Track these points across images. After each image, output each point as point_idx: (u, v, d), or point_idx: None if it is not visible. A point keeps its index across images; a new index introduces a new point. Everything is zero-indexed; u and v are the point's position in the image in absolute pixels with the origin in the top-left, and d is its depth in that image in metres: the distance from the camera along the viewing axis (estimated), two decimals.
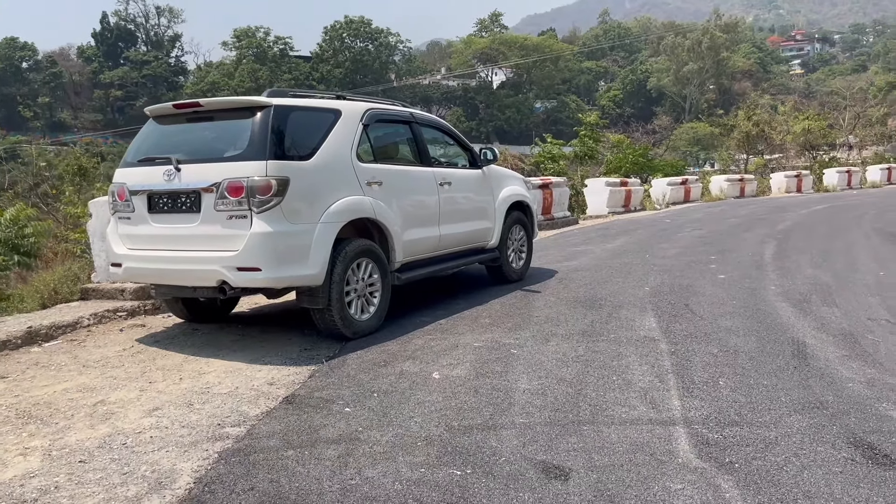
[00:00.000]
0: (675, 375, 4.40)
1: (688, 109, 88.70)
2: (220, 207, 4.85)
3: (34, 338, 5.42)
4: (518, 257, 7.79)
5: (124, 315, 6.20)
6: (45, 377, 4.66)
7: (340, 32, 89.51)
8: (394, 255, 5.81)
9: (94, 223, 6.80)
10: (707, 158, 61.58)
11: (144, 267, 5.27)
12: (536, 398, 4.03)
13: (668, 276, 7.78)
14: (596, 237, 11.98)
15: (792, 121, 33.75)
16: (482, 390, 4.18)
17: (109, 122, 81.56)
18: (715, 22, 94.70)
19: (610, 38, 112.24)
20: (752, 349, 4.92)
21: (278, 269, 4.86)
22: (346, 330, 5.31)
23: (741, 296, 6.67)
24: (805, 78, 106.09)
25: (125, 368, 4.81)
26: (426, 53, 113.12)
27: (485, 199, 7.17)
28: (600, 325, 5.70)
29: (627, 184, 17.89)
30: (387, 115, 6.18)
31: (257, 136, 4.92)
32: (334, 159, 5.34)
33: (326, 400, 4.09)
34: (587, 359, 4.77)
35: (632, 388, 4.18)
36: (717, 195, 22.06)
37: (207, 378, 4.57)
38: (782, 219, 14.02)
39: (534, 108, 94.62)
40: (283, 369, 4.72)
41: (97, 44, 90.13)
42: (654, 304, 6.40)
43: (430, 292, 7.17)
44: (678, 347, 4.99)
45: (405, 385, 4.31)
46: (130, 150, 5.59)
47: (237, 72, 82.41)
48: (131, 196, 5.28)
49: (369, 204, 5.50)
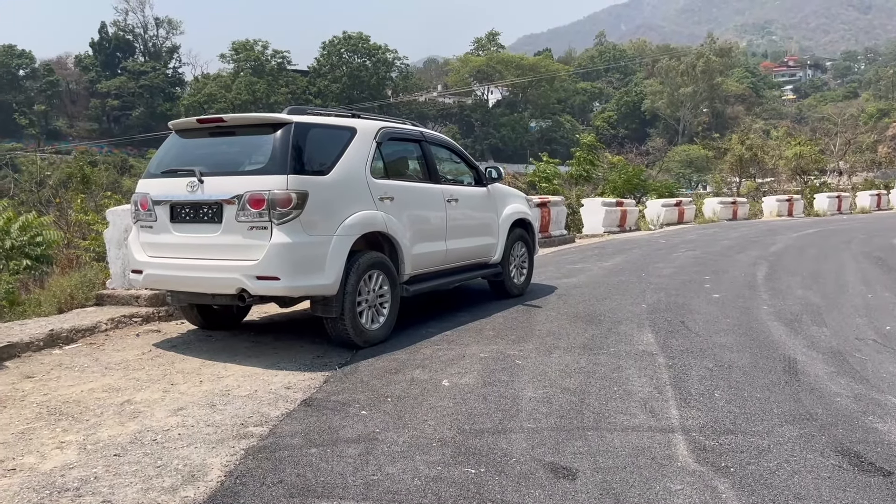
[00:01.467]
0: (672, 387, 4.63)
1: (681, 132, 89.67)
2: (242, 218, 5.08)
3: (55, 340, 5.60)
4: (520, 273, 8.03)
5: (139, 321, 6.39)
6: (70, 377, 4.85)
7: (338, 48, 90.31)
8: (403, 267, 6.04)
9: (111, 231, 7.01)
10: (700, 181, 62.17)
11: (165, 274, 5.48)
12: (542, 405, 4.25)
13: (665, 294, 8.04)
14: (593, 256, 12.25)
15: (784, 145, 34.33)
16: (490, 397, 4.40)
17: (105, 132, 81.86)
18: (710, 46, 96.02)
19: (605, 59, 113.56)
20: (745, 364, 5.16)
21: (296, 279, 5.08)
22: (358, 339, 5.53)
23: (735, 314, 6.92)
24: (797, 103, 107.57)
25: (146, 371, 5.01)
26: (423, 70, 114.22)
27: (489, 215, 7.43)
28: (600, 339, 5.94)
29: (623, 204, 18.23)
30: (399, 133, 6.44)
31: (278, 151, 5.16)
32: (350, 175, 5.58)
33: (343, 403, 4.30)
34: (589, 370, 5.00)
35: (632, 398, 4.40)
36: (711, 217, 22.43)
37: (226, 381, 4.77)
38: (774, 241, 14.34)
39: (529, 127, 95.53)
40: (298, 374, 4.93)
41: (95, 53, 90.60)
42: (652, 320, 6.64)
43: (435, 305, 7.39)
44: (675, 361, 5.23)
45: (417, 391, 4.53)
46: (153, 162, 5.81)
47: (234, 84, 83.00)
48: (154, 205, 5.49)
49: (381, 218, 5.73)
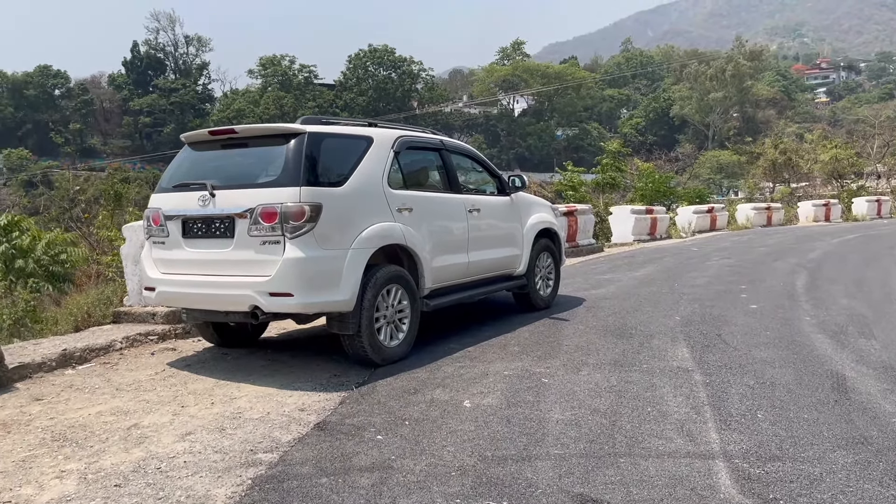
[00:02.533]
0: (711, 407, 4.32)
1: (711, 137, 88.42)
2: (254, 233, 4.89)
3: (68, 360, 5.47)
4: (546, 285, 7.74)
5: (155, 339, 6.25)
6: (80, 400, 4.69)
7: (364, 61, 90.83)
8: (423, 281, 5.81)
9: (127, 247, 6.89)
10: (731, 186, 61.13)
11: (177, 291, 5.31)
12: (570, 429, 3.97)
13: (699, 305, 7.69)
14: (622, 265, 11.89)
15: (819, 149, 33.45)
16: (515, 420, 4.13)
17: (138, 149, 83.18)
18: (739, 50, 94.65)
19: (632, 66, 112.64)
20: (789, 381, 4.82)
21: (310, 295, 4.87)
22: (376, 356, 5.30)
23: (775, 326, 6.55)
24: (831, 106, 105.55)
25: (157, 392, 4.84)
26: (448, 81, 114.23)
27: (513, 225, 7.16)
28: (632, 354, 5.63)
29: (653, 211, 17.78)
30: (417, 142, 6.22)
31: (291, 162, 4.97)
32: (366, 186, 5.37)
33: (358, 427, 4.06)
34: (620, 389, 4.70)
35: (668, 420, 4.10)
36: (744, 224, 21.84)
37: (239, 403, 4.57)
38: (812, 248, 13.83)
39: (555, 136, 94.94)
40: (313, 395, 4.71)
41: (127, 72, 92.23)
42: (686, 333, 6.31)
43: (457, 319, 7.14)
44: (713, 378, 4.91)
45: (436, 413, 4.28)
46: (166, 176, 5.67)
47: (262, 99, 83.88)
48: (166, 221, 5.34)
49: (400, 230, 5.51)
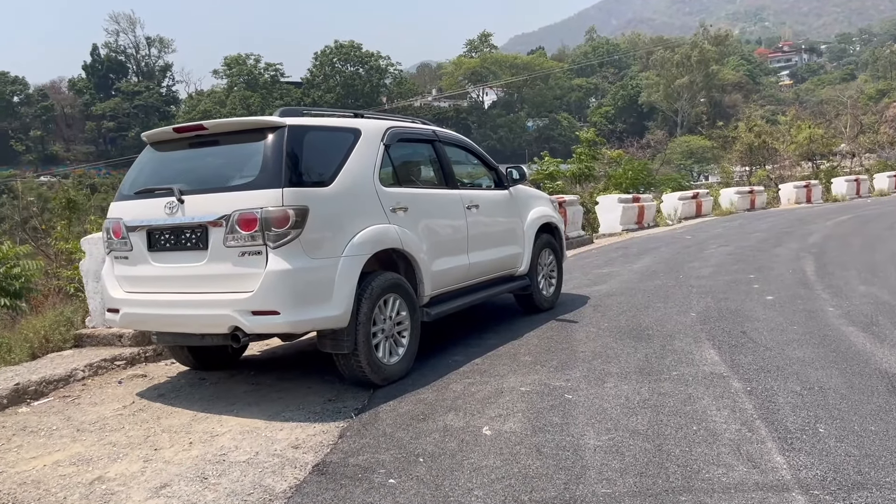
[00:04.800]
0: (763, 422, 3.80)
1: (680, 123, 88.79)
2: (231, 243, 4.25)
3: (22, 396, 4.77)
4: (548, 284, 7.19)
5: (123, 364, 5.56)
6: (34, 446, 4.02)
7: (331, 57, 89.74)
8: (422, 288, 5.21)
9: (87, 262, 6.18)
10: (701, 171, 61.23)
11: (145, 312, 4.64)
12: (612, 458, 3.42)
13: (712, 298, 7.20)
14: (618, 257, 11.38)
15: (794, 130, 33.36)
16: (546, 450, 3.57)
17: (102, 154, 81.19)
18: (704, 35, 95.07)
19: (599, 54, 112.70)
20: (838, 385, 4.32)
21: (299, 312, 4.24)
22: (375, 377, 4.69)
23: (800, 320, 6.08)
24: (794, 88, 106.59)
25: (125, 432, 4.18)
26: (416, 76, 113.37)
27: (513, 221, 6.59)
28: (656, 359, 5.10)
29: (640, 199, 17.34)
30: (409, 133, 5.61)
31: (270, 160, 4.34)
32: (356, 184, 4.75)
33: (364, 468, 3.46)
34: (655, 403, 4.17)
35: (719, 441, 3.57)
36: (728, 208, 21.53)
37: (221, 441, 3.94)
38: (808, 231, 13.47)
39: (526, 127, 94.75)
40: (307, 427, 4.10)
41: (88, 76, 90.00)
42: (708, 332, 5.81)
43: (457, 326, 6.55)
44: (753, 385, 4.40)
45: (453, 445, 3.69)
46: (126, 182, 4.98)
47: (228, 99, 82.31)
48: (129, 233, 4.66)
49: (395, 233, 4.90)
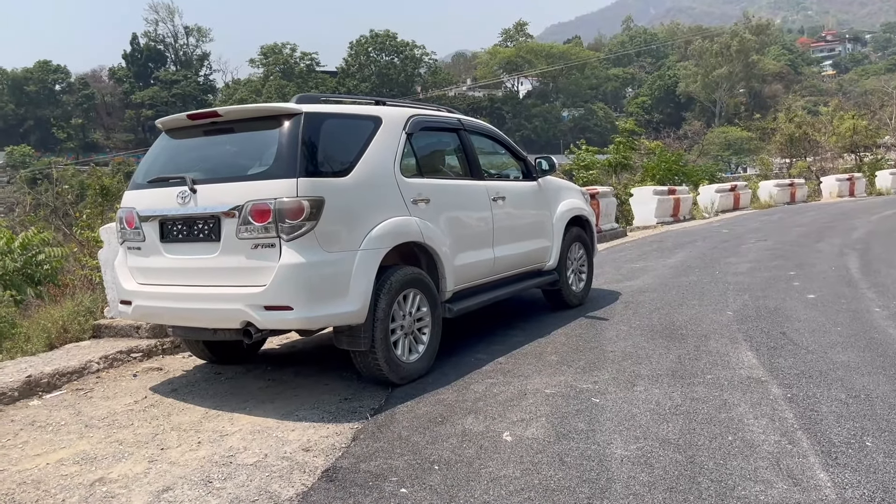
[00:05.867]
0: (805, 433, 3.52)
1: (718, 114, 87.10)
2: (244, 235, 4.09)
3: (34, 388, 4.69)
4: (578, 279, 6.92)
5: (139, 356, 5.47)
6: (40, 442, 3.92)
7: (366, 47, 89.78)
8: (444, 283, 5.00)
9: (105, 251, 6.10)
10: (739, 163, 59.89)
11: (157, 305, 4.51)
12: (641, 471, 3.18)
13: (750, 296, 6.86)
14: (652, 251, 11.03)
15: (837, 121, 32.29)
16: (569, 459, 3.34)
17: (141, 142, 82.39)
18: (745, 25, 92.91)
19: (636, 44, 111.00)
20: (886, 393, 4.01)
21: (313, 307, 4.07)
22: (393, 375, 4.50)
23: (844, 321, 5.73)
24: (837, 79, 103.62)
25: (134, 429, 4.06)
26: (451, 65, 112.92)
27: (542, 213, 6.34)
28: (689, 361, 4.83)
29: (676, 192, 16.85)
30: (432, 121, 5.38)
31: (286, 149, 4.16)
32: (375, 174, 4.55)
33: (376, 475, 3.28)
34: (687, 410, 3.91)
35: (757, 454, 3.30)
36: (767, 201, 20.88)
37: (230, 441, 3.79)
38: (852, 226, 12.92)
39: (561, 117, 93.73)
40: (320, 428, 3.93)
41: (128, 65, 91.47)
42: (745, 332, 5.50)
43: (481, 321, 6.33)
44: (794, 392, 4.10)
45: (471, 452, 3.49)
46: (140, 170, 4.85)
47: (264, 88, 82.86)
48: (141, 222, 4.54)
49: (416, 225, 4.70)
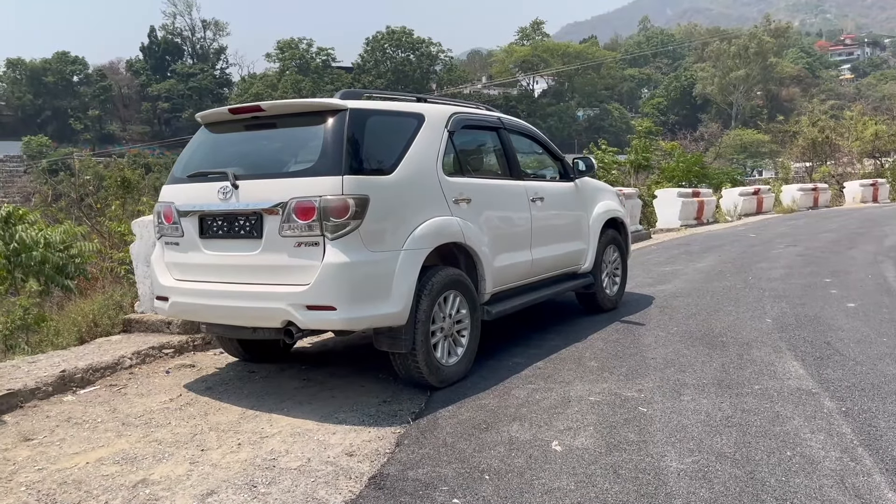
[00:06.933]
0: (866, 449, 3.39)
1: (734, 116, 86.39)
2: (287, 232, 4.01)
3: (68, 384, 4.63)
4: (612, 282, 6.80)
5: (171, 352, 5.40)
6: (78, 440, 3.85)
7: (382, 43, 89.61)
8: (483, 284, 4.90)
9: (137, 245, 6.04)
10: (755, 166, 59.26)
11: (195, 302, 4.44)
12: (699, 486, 3.07)
13: (787, 303, 6.72)
14: (680, 255, 10.88)
15: (860, 126, 31.87)
16: (623, 472, 3.23)
17: (157, 134, 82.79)
18: (764, 27, 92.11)
19: (653, 44, 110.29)
20: None
21: (356, 308, 3.98)
22: (433, 378, 4.41)
23: (889, 331, 5.59)
24: (856, 83, 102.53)
25: (172, 428, 3.98)
26: (467, 63, 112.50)
27: (579, 215, 6.22)
28: (734, 370, 4.71)
29: (700, 194, 16.66)
30: (473, 120, 5.28)
31: (330, 145, 4.07)
32: (419, 173, 4.46)
33: (425, 483, 3.18)
34: (739, 422, 3.79)
35: (819, 471, 3.19)
36: (790, 206, 20.62)
37: (271, 443, 3.71)
38: (883, 233, 12.70)
39: (576, 116, 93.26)
40: (361, 431, 3.84)
41: (145, 57, 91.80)
42: (788, 341, 5.37)
43: (516, 324, 6.22)
44: (849, 406, 3.98)
45: (521, 462, 3.39)
46: (179, 164, 4.78)
47: (280, 83, 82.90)
48: (180, 218, 4.46)
49: (458, 225, 4.60)
